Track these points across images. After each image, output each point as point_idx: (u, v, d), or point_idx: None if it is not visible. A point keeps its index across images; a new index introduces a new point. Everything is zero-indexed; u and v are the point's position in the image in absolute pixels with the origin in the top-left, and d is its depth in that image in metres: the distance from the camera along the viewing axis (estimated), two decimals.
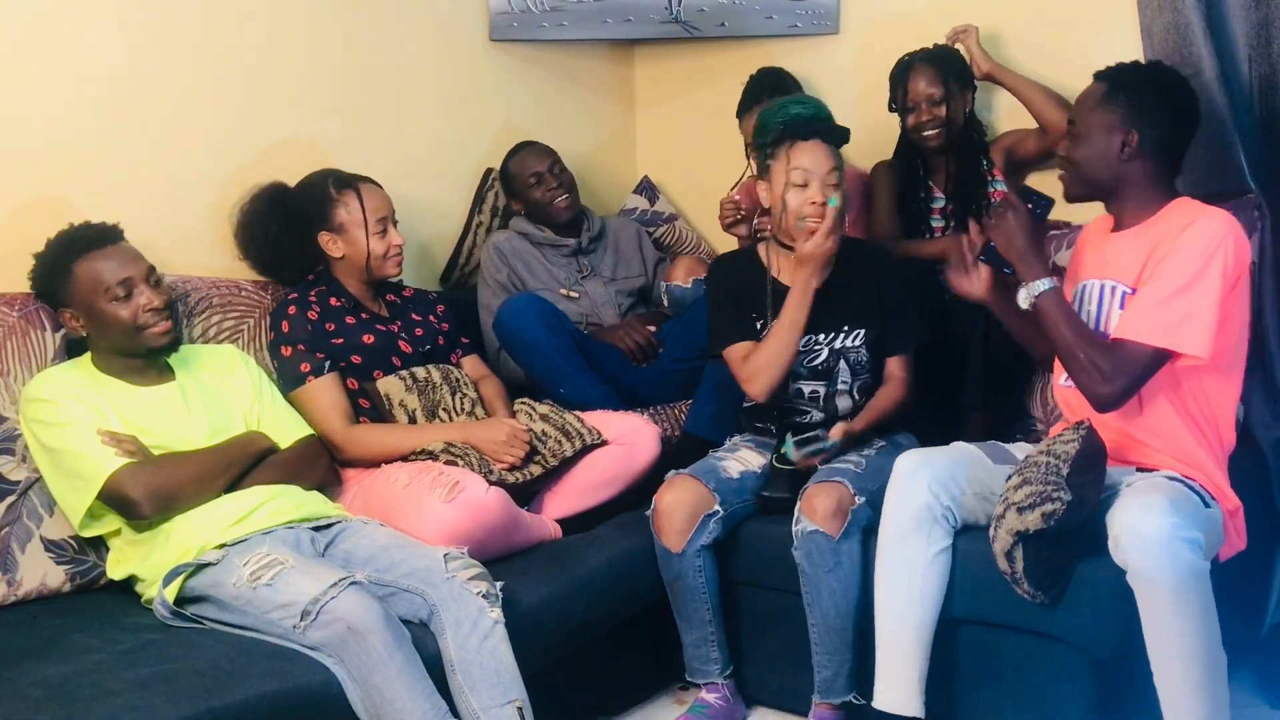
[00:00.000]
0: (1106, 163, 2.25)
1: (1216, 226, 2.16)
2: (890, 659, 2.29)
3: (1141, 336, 2.16)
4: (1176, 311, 2.13)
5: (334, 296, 2.75)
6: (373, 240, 2.73)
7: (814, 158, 2.57)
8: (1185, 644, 2.01)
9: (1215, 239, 2.14)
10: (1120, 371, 2.16)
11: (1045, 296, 2.25)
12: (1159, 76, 2.28)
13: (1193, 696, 2.02)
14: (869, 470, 2.50)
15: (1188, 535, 2.00)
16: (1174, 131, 2.26)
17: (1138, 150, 2.23)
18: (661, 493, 2.57)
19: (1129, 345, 2.17)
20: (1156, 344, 2.14)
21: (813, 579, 2.43)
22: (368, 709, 1.99)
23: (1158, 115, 2.22)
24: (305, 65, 3.07)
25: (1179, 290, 2.13)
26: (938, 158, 3.11)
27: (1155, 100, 2.23)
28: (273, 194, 2.80)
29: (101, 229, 2.35)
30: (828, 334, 2.66)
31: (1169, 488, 2.12)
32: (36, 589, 2.27)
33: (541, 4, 3.58)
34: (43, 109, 2.58)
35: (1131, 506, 2.06)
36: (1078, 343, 2.20)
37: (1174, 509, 2.02)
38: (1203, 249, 2.14)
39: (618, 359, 3.15)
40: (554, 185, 3.34)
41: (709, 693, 2.59)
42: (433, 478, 2.43)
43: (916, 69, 3.03)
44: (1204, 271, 2.12)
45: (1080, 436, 2.18)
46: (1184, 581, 1.99)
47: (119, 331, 2.30)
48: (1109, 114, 2.24)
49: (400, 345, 2.76)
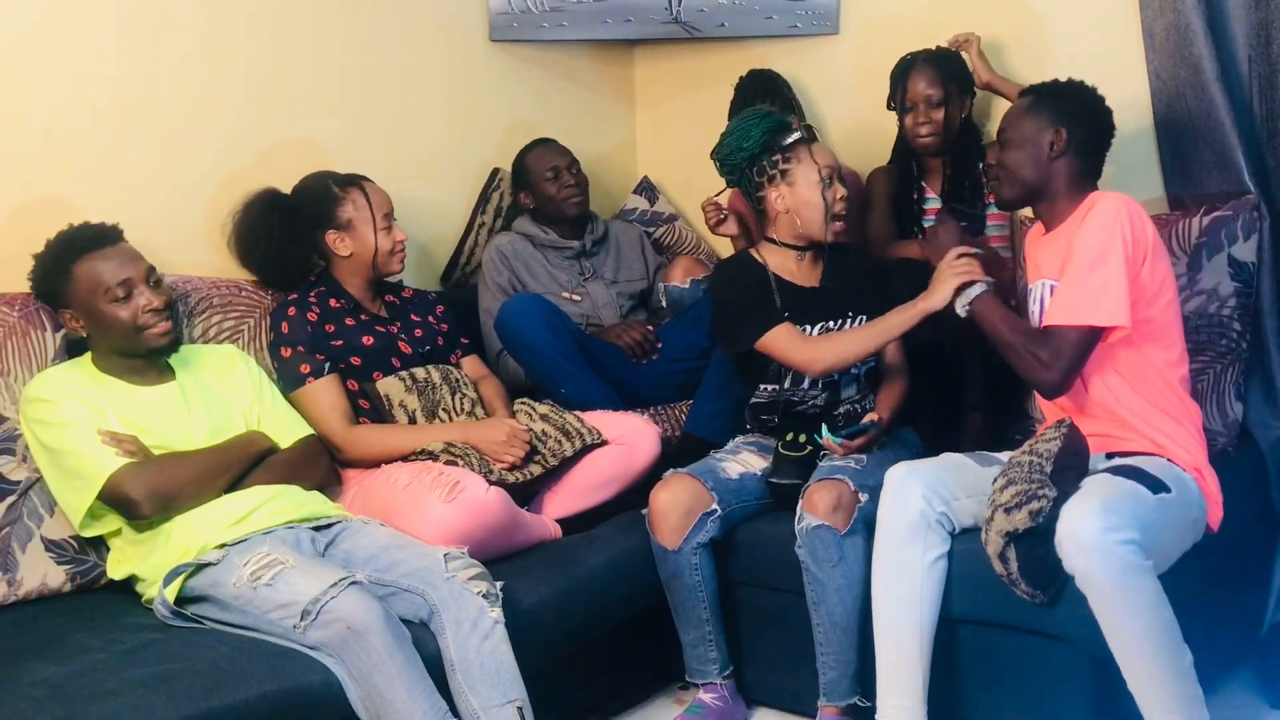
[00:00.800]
0: (1036, 162, 2.38)
1: (1111, 205, 2.29)
2: (892, 669, 2.30)
3: (1066, 319, 2.27)
4: (1090, 289, 2.25)
5: (333, 298, 2.75)
6: (380, 236, 2.74)
7: (829, 156, 2.71)
8: (1139, 642, 2.04)
9: (1111, 216, 2.27)
10: (1057, 356, 2.27)
11: (979, 300, 2.40)
12: (1077, 86, 2.43)
13: (1162, 693, 2.05)
14: (870, 467, 2.51)
15: (1120, 536, 2.03)
16: (1095, 133, 2.40)
17: (1065, 147, 2.36)
18: (657, 491, 2.58)
19: (1058, 330, 2.28)
20: (1081, 322, 2.25)
21: (817, 576, 2.43)
22: (368, 709, 1.99)
23: (1080, 114, 2.38)
24: (305, 65, 3.07)
25: (1087, 269, 2.25)
26: (933, 159, 3.11)
27: (1077, 102, 2.39)
28: (270, 199, 2.79)
29: (101, 229, 2.35)
30: (837, 321, 2.70)
31: (1107, 486, 2.15)
32: (37, 589, 2.27)
33: (541, 4, 3.58)
34: (42, 109, 2.58)
35: (1070, 511, 2.09)
36: (1014, 338, 2.33)
37: (1106, 511, 2.04)
38: (1101, 227, 2.27)
39: (619, 359, 3.15)
40: (571, 183, 3.35)
41: (707, 693, 2.58)
42: (433, 478, 2.43)
43: (918, 69, 3.03)
44: (1107, 247, 2.24)
45: (1062, 434, 2.23)
46: (1121, 580, 2.02)
47: (119, 332, 2.30)
48: (1037, 118, 2.39)
49: (400, 346, 2.76)
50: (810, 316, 2.70)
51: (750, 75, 3.37)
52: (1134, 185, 2.88)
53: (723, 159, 2.78)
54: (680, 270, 3.43)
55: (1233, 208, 2.73)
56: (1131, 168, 2.97)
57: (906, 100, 3.05)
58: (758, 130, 2.70)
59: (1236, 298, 2.71)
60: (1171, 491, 2.20)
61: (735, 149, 2.74)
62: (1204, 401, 2.71)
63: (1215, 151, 2.76)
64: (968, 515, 2.32)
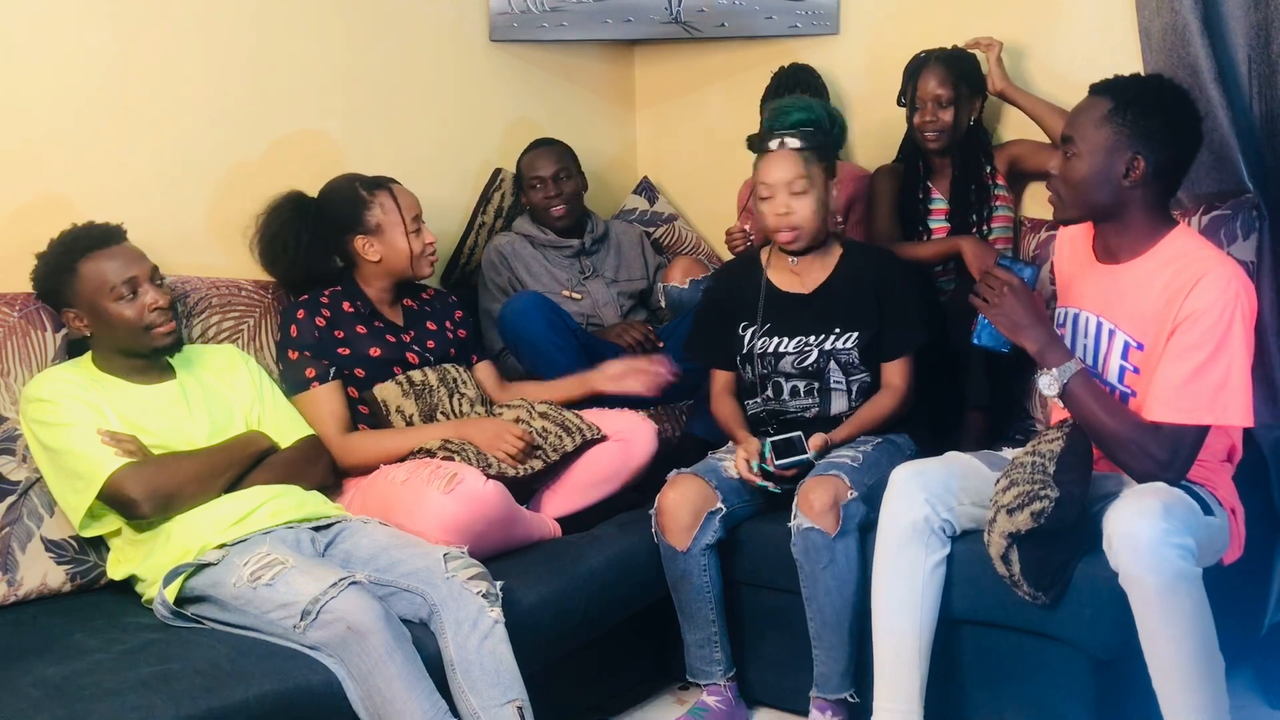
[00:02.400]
0: (1110, 186, 2.12)
1: (1226, 282, 2.06)
2: (889, 671, 2.29)
3: (1184, 418, 2.08)
4: (1209, 384, 2.06)
5: (348, 300, 2.73)
6: (411, 239, 2.73)
7: (775, 169, 2.60)
8: (1178, 648, 2.01)
9: (1231, 299, 2.06)
10: (1175, 455, 2.09)
11: (1075, 381, 2.13)
12: (1165, 94, 2.13)
13: (1190, 700, 2.02)
14: (865, 465, 2.51)
15: (1178, 540, 2.00)
16: (1179, 155, 2.14)
17: (1141, 177, 2.10)
18: (665, 491, 2.58)
19: (1175, 428, 2.09)
20: (1202, 422, 2.09)
21: (810, 575, 2.43)
22: (368, 709, 1.99)
23: (1165, 136, 2.09)
24: (305, 65, 3.06)
25: (1206, 362, 2.06)
26: (940, 158, 3.11)
27: (1163, 121, 2.09)
28: (297, 202, 2.76)
29: (106, 229, 2.35)
30: (817, 336, 2.66)
31: (1166, 492, 2.11)
32: (37, 589, 2.27)
33: (541, 4, 3.58)
34: (42, 109, 2.58)
35: (1126, 510, 2.05)
36: (1122, 429, 2.11)
37: (1167, 514, 2.01)
38: (1221, 314, 2.06)
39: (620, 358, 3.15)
40: (553, 194, 3.33)
41: (710, 695, 2.58)
42: (430, 472, 2.44)
43: (930, 67, 3.02)
44: (1227, 336, 2.05)
45: (1065, 435, 2.19)
46: (1173, 585, 1.99)
47: (125, 331, 2.30)
48: (1114, 134, 2.10)
49: (408, 357, 2.74)
50: (791, 328, 2.67)
51: (792, 67, 3.35)
52: None
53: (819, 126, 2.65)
54: (679, 270, 3.43)
55: (1232, 207, 2.73)
56: None
57: (916, 98, 3.04)
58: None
59: None
60: (1216, 519, 2.17)
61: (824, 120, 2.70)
62: None
63: (1213, 152, 2.76)
64: (970, 520, 2.31)
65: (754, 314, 2.69)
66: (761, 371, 2.68)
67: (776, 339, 2.66)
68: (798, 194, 2.59)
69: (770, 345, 2.67)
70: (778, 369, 2.67)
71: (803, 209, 2.59)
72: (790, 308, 2.68)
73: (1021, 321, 2.16)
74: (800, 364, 2.66)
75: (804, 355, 2.65)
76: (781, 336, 2.66)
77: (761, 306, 2.68)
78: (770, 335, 2.67)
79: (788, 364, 2.66)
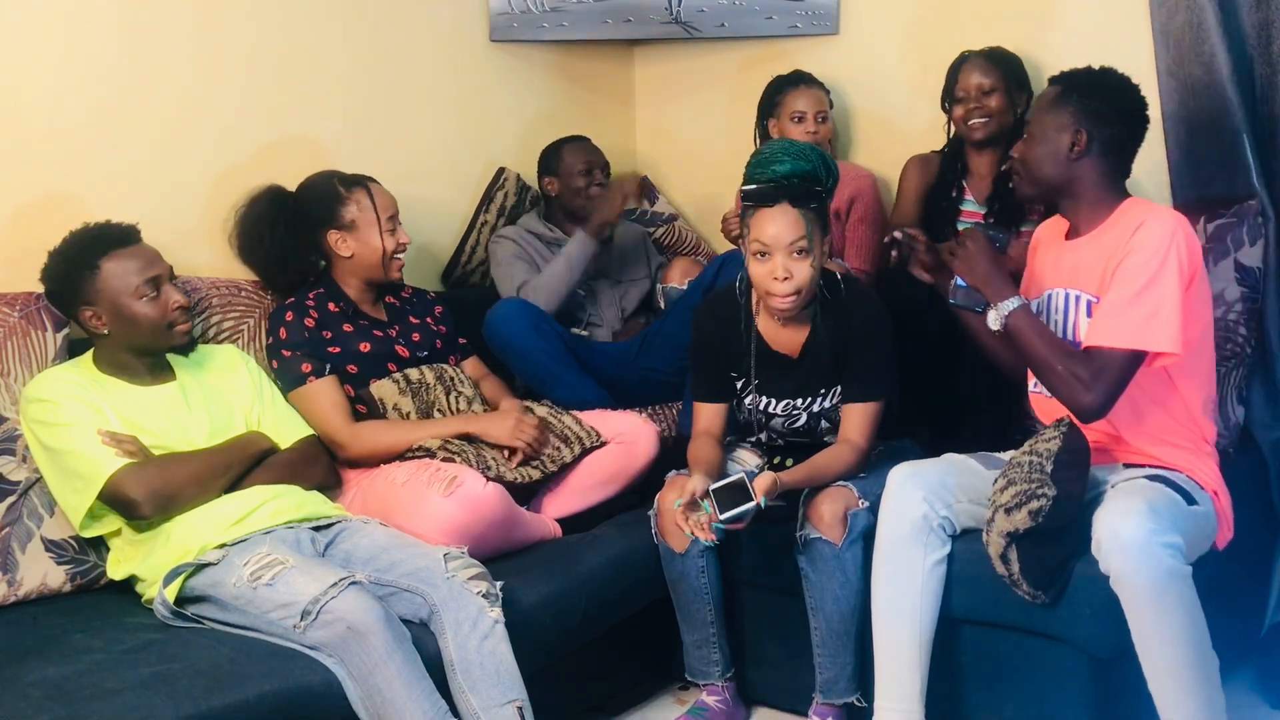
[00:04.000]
0: (1056, 161, 2.29)
1: (1166, 225, 2.19)
2: (890, 671, 2.29)
3: (1113, 341, 2.17)
4: (1142, 312, 2.15)
5: (332, 301, 2.73)
6: (385, 237, 2.73)
7: (775, 228, 2.38)
8: (1172, 647, 2.03)
9: (1167, 237, 2.17)
10: (1099, 378, 2.17)
11: (1015, 314, 2.26)
12: (1109, 78, 2.31)
13: (1185, 700, 2.04)
14: (872, 475, 2.49)
15: (1166, 539, 2.02)
16: (1124, 132, 2.29)
17: (1086, 149, 2.26)
18: (664, 493, 2.57)
19: (1103, 351, 2.18)
20: (1128, 346, 2.16)
21: (816, 584, 2.43)
22: (368, 709, 1.99)
23: (1108, 114, 2.26)
24: (305, 65, 3.06)
25: (1140, 291, 2.16)
26: (983, 154, 3.06)
27: (1105, 100, 2.27)
28: (275, 195, 2.79)
29: (124, 228, 2.36)
30: (804, 400, 2.58)
31: (1150, 490, 2.14)
32: (37, 589, 2.27)
33: (541, 4, 3.58)
34: (41, 109, 2.58)
35: (1112, 511, 2.08)
36: (1054, 355, 2.21)
37: (1152, 513, 2.04)
38: (1156, 248, 2.17)
39: (609, 360, 3.15)
40: (601, 180, 3.36)
41: (709, 695, 2.58)
42: (430, 474, 2.43)
43: (970, 62, 3.00)
44: (1161, 270, 2.16)
45: (1061, 434, 2.21)
46: (1163, 585, 2.01)
47: (149, 329, 2.31)
48: (1060, 114, 2.28)
49: (397, 351, 2.75)
50: (779, 390, 2.57)
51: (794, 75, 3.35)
52: (1139, 189, 2.88)
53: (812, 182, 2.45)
54: (679, 271, 3.44)
55: (1238, 213, 2.73)
56: (1135, 170, 2.97)
57: (957, 91, 3.02)
58: (752, 175, 2.48)
59: (1243, 303, 2.71)
60: (1200, 506, 2.19)
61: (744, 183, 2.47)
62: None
63: (1225, 150, 2.76)
64: (969, 518, 2.32)
65: (742, 365, 2.59)
66: (756, 418, 2.64)
67: (766, 399, 2.60)
68: (799, 257, 2.39)
69: (760, 403, 2.61)
70: (769, 425, 2.64)
71: (802, 273, 2.39)
72: (779, 368, 2.58)
73: (978, 267, 2.31)
74: (790, 425, 2.62)
75: (792, 418, 2.61)
76: (770, 397, 2.59)
77: (753, 365, 2.57)
78: (759, 393, 2.60)
79: (778, 423, 2.63)
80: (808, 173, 2.44)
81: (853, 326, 2.50)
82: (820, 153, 2.51)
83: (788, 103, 3.24)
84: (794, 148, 2.49)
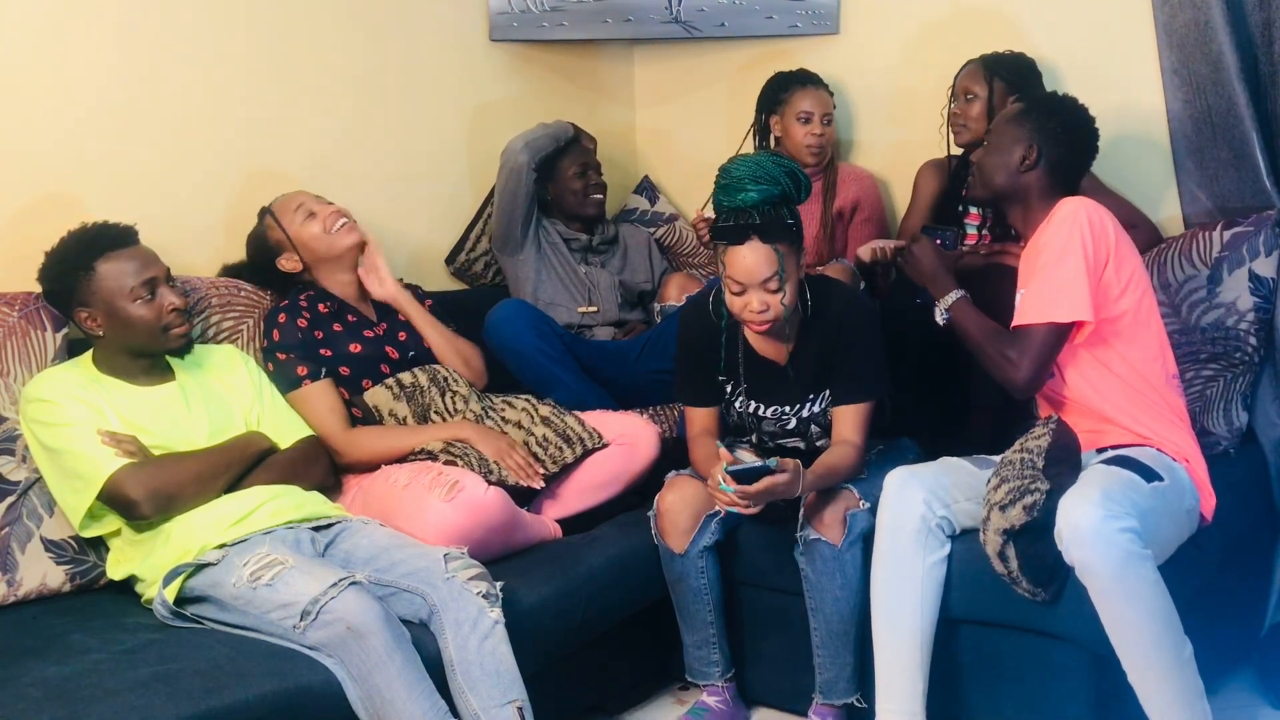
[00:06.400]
0: (1007, 171, 2.42)
1: (1069, 207, 2.34)
2: (891, 672, 2.30)
3: (1030, 318, 2.31)
4: (1051, 287, 2.29)
5: (321, 301, 2.73)
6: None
7: (747, 266, 2.34)
8: (1140, 633, 2.05)
9: (1069, 218, 2.31)
10: (1024, 354, 2.30)
11: (954, 306, 2.43)
12: (1068, 105, 2.46)
13: (1159, 683, 2.07)
14: (872, 475, 2.49)
15: (1120, 524, 2.05)
16: (1071, 155, 2.43)
17: (1035, 164, 2.39)
18: (663, 494, 2.57)
19: (1024, 329, 2.32)
20: (1044, 319, 2.29)
21: (816, 585, 2.43)
22: (368, 709, 1.99)
23: (1060, 136, 2.40)
24: (305, 65, 3.06)
25: (1050, 269, 2.29)
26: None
27: (1060, 123, 2.41)
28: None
29: (121, 229, 2.35)
30: (793, 406, 2.57)
31: (1105, 476, 2.17)
32: (36, 589, 2.27)
33: (541, 4, 3.58)
34: (42, 110, 2.58)
35: (1068, 501, 2.11)
36: (986, 340, 2.37)
37: (1105, 498, 2.07)
38: (1059, 228, 2.31)
39: (609, 361, 3.15)
40: (596, 180, 3.38)
41: (709, 695, 2.58)
42: (432, 478, 2.43)
43: (969, 66, 3.00)
44: (1065, 247, 2.28)
45: (1050, 430, 2.26)
46: (1121, 569, 2.04)
47: (144, 331, 2.31)
48: (1018, 129, 2.42)
49: (388, 351, 2.75)
50: (768, 397, 2.57)
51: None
52: (1143, 188, 2.88)
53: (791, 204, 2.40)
54: (675, 288, 3.44)
55: (1254, 223, 2.74)
56: (1139, 170, 2.97)
57: (953, 94, 3.02)
58: (722, 203, 2.39)
59: (1255, 312, 2.71)
60: (1164, 480, 2.22)
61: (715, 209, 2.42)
62: (1211, 407, 2.72)
63: (1233, 148, 2.77)
64: (967, 517, 2.32)
65: (731, 369, 2.58)
66: (748, 420, 2.64)
67: (755, 403, 2.60)
68: (773, 291, 2.36)
69: (750, 407, 2.60)
70: (761, 428, 2.64)
71: (776, 304, 2.36)
72: (767, 375, 2.57)
73: (924, 269, 2.52)
74: (781, 427, 2.62)
75: (782, 422, 2.60)
76: (759, 403, 2.59)
77: (742, 371, 2.56)
78: (749, 398, 2.59)
79: (768, 425, 2.63)
80: (777, 197, 2.35)
81: (839, 332, 2.49)
82: (786, 167, 2.38)
83: (795, 101, 3.24)
84: (759, 170, 2.35)
